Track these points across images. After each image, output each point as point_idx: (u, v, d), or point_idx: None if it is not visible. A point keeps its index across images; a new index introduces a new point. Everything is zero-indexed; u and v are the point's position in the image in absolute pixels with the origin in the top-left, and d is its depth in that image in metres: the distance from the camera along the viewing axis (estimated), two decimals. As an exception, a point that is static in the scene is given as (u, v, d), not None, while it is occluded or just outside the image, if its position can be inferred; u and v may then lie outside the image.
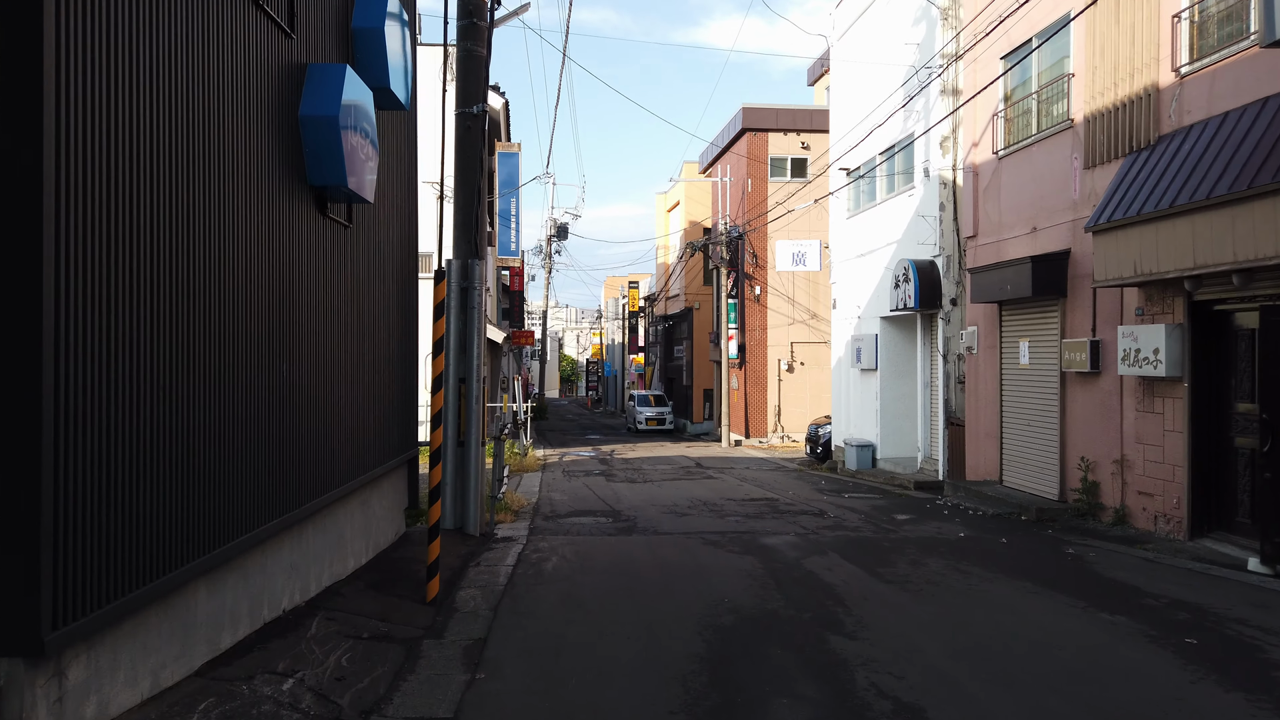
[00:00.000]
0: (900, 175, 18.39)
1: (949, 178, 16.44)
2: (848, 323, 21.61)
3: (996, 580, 7.97)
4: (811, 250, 28.48)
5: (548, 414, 55.17)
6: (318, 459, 6.43)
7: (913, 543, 10.02)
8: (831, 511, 12.78)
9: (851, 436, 20.66)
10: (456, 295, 9.78)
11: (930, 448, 17.50)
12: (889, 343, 19.36)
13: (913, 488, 16.18)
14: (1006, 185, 14.09)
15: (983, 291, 14.16)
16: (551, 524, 11.56)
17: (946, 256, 16.43)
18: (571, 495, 15.44)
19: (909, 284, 16.63)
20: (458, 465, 9.76)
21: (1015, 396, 13.84)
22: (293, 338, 5.92)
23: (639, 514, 12.62)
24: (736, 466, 22.43)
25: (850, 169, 20.98)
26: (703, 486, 17.01)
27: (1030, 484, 13.28)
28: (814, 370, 31.73)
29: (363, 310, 7.61)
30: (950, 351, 16.39)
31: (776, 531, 10.74)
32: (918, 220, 17.25)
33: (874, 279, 19.67)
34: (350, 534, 7.40)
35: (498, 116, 28.93)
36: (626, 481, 18.31)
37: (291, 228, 5.90)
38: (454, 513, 9.74)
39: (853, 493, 15.74)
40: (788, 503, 14.04)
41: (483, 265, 9.83)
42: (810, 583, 7.81)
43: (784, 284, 31.37)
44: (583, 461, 24.32)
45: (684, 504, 13.90)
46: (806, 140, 31.50)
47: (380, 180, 8.12)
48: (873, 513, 12.71)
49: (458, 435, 9.75)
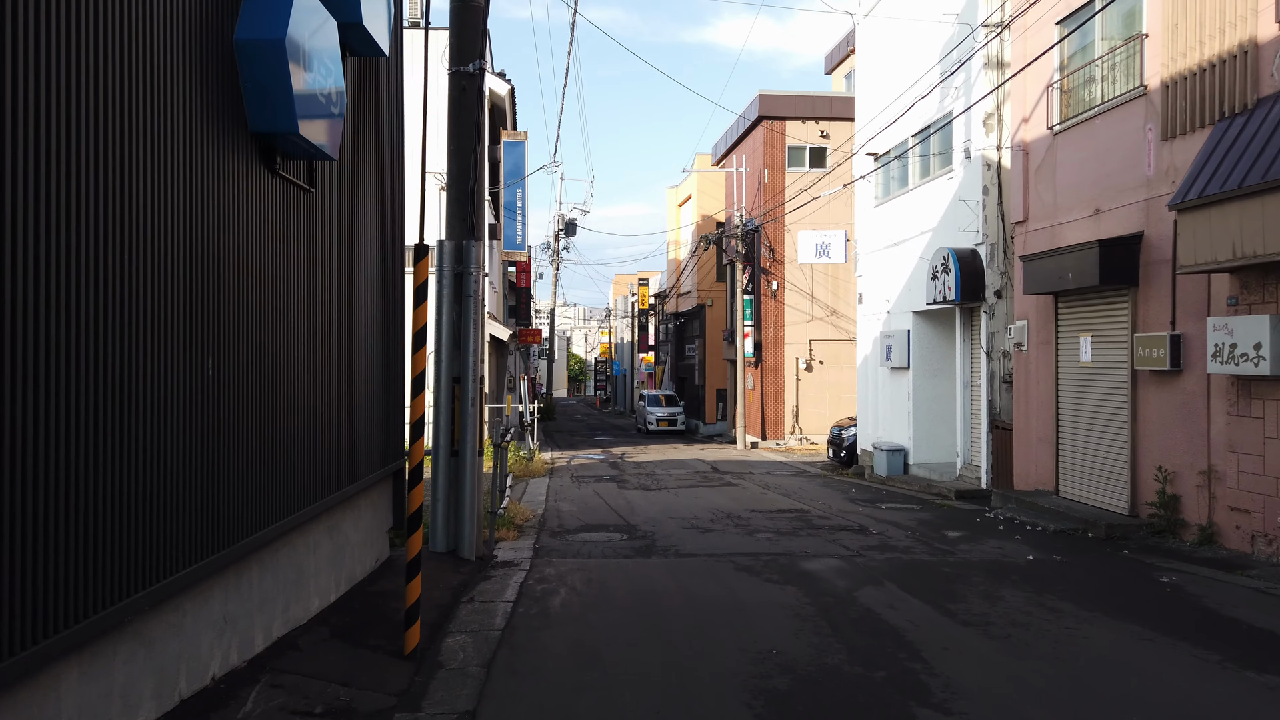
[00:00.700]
0: (936, 158, 17.01)
1: (993, 158, 15.06)
2: (875, 318, 20.22)
3: (1095, 621, 6.61)
4: (836, 241, 27.03)
5: (555, 414, 53.89)
6: (264, 480, 5.11)
7: (977, 568, 8.66)
8: (873, 527, 11.42)
9: (880, 440, 19.27)
10: (449, 281, 8.45)
11: (970, 453, 16.12)
12: (923, 339, 17.98)
13: (954, 498, 14.80)
14: (1063, 163, 12.70)
15: (1036, 281, 12.77)
16: (559, 542, 10.23)
17: (990, 244, 15.05)
18: (581, 505, 14.12)
19: (949, 275, 15.25)
20: (451, 478, 8.44)
21: (1074, 398, 12.45)
22: (224, 327, 4.60)
23: (657, 529, 11.28)
24: (755, 471, 21.07)
25: (878, 154, 19.59)
26: (723, 495, 15.66)
27: (1093, 495, 11.89)
28: (834, 369, 30.35)
29: (331, 296, 6.29)
30: (994, 348, 15.00)
31: (817, 553, 9.38)
32: (957, 206, 15.86)
33: (905, 271, 18.28)
34: (314, 567, 6.08)
35: (503, 104, 27.63)
36: (640, 489, 16.98)
37: (222, 185, 4.58)
38: (446, 534, 8.41)
39: (889, 503, 14.37)
40: (821, 515, 12.68)
41: (480, 247, 8.51)
42: (873, 625, 6.46)
43: (802, 279, 29.98)
44: (592, 465, 23.00)
45: (705, 517, 12.55)
46: (826, 129, 30.09)
47: (354, 141, 6.79)
48: (919, 529, 11.34)
49: (451, 443, 8.43)
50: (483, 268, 8.62)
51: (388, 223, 8.06)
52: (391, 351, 8.35)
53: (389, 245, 8.21)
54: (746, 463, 23.81)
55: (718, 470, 21.19)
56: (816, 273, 30.01)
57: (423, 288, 5.63)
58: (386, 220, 8.04)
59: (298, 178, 5.58)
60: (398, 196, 8.40)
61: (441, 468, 8.38)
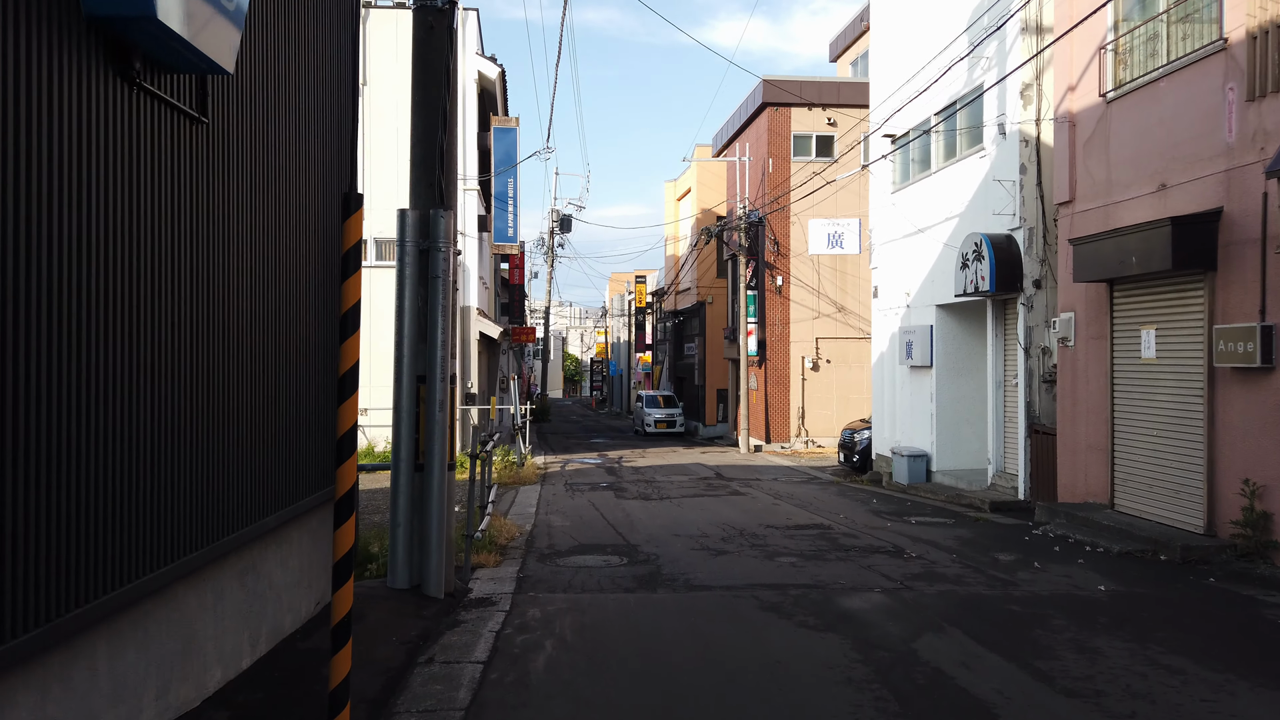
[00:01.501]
0: (964, 136, 15.53)
1: (1032, 134, 13.58)
2: (893, 313, 18.75)
3: (1232, 689, 5.13)
4: (850, 230, 25.50)
5: (550, 415, 52.35)
6: (118, 521, 3.62)
7: (1051, 604, 7.18)
8: (909, 548, 9.93)
9: (900, 445, 17.79)
10: (414, 259, 6.95)
11: (1003, 460, 14.64)
12: (948, 335, 16.51)
13: (989, 510, 13.32)
14: (1119, 134, 11.23)
15: (1087, 267, 11.30)
16: (548, 568, 8.73)
17: (1028, 229, 13.57)
18: (574, 519, 12.62)
19: (982, 263, 13.77)
20: (415, 499, 6.93)
21: (1133, 398, 10.99)
22: (39, 303, 3.10)
23: (661, 551, 9.79)
24: (763, 478, 19.58)
25: (896, 135, 18.12)
26: (731, 506, 14.17)
27: (1159, 511, 10.42)
28: (841, 368, 28.88)
29: (244, 269, 4.80)
30: (1033, 344, 13.53)
31: (854, 585, 7.89)
32: (989, 187, 14.39)
33: (927, 261, 16.81)
34: (213, 628, 4.58)
35: (493, 88, 26.15)
36: (640, 498, 15.49)
37: (39, 95, 3.08)
38: (408, 566, 6.91)
39: (917, 516, 12.89)
40: (846, 533, 11.19)
41: (450, 219, 7.01)
42: (951, 698, 4.97)
43: (809, 273, 28.51)
44: (587, 471, 21.50)
45: (715, 533, 11.07)
46: (833, 116, 28.61)
47: (282, 62, 5.28)
48: (963, 550, 9.86)
49: (415, 456, 6.93)
50: (454, 242, 7.12)
51: (334, 178, 6.56)
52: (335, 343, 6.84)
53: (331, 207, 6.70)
54: (752, 468, 22.33)
55: (722, 477, 19.70)
56: (824, 267, 28.54)
57: (354, 253, 4.14)
58: (333, 174, 6.54)
59: (179, 99, 4.07)
60: (344, 147, 6.86)
61: (403, 486, 6.88)
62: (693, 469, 21.72)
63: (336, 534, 4.06)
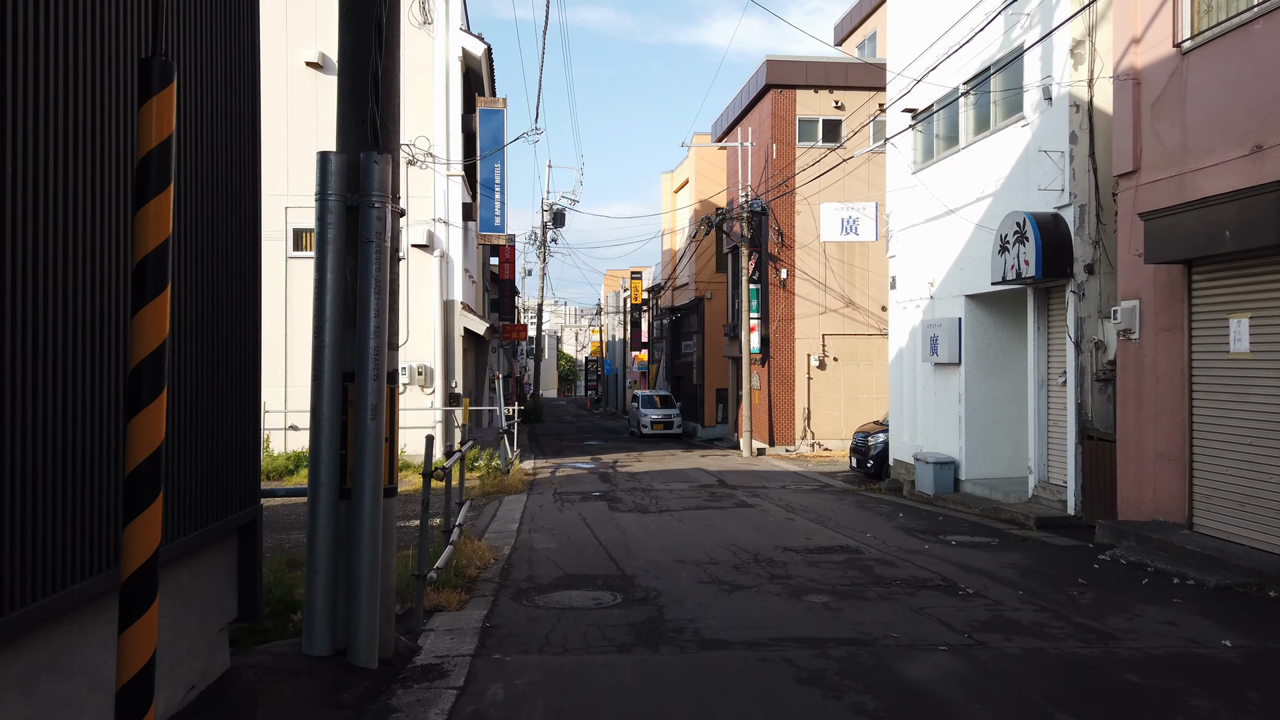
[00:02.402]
0: (1000, 104, 13.85)
1: (1083, 97, 11.91)
2: (913, 306, 17.08)
3: None
4: (865, 215, 23.73)
5: (543, 416, 50.62)
6: None
7: (1175, 672, 5.50)
8: (961, 580, 8.25)
9: (923, 450, 16.12)
10: (338, 218, 5.24)
11: (1047, 468, 12.97)
12: (979, 328, 14.83)
13: (1035, 527, 11.65)
14: (1199, 90, 9.57)
15: (1164, 245, 9.64)
16: (523, 613, 7.04)
17: (1079, 206, 11.90)
18: (561, 539, 10.93)
19: (1025, 245, 12.09)
20: (339, 536, 5.23)
21: (1219, 399, 9.32)
22: None
23: (663, 585, 8.10)
24: (770, 485, 17.91)
25: (917, 110, 16.46)
26: (740, 521, 12.50)
27: (1253, 533, 8.76)
28: (849, 366, 27.21)
29: (67, 235, 3.11)
30: (1085, 337, 11.86)
31: (910, 639, 6.21)
32: (1031, 161, 12.72)
33: (955, 246, 15.14)
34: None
35: (478, 67, 24.44)
36: (636, 511, 13.81)
37: None
38: (330, 626, 5.20)
39: (955, 535, 11.22)
40: (879, 557, 9.51)
41: (388, 165, 5.30)
42: None
43: (815, 266, 26.83)
44: (579, 477, 19.80)
45: (725, 558, 9.39)
46: (841, 99, 26.94)
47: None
48: (1027, 582, 8.18)
49: (340, 479, 5.23)
50: (395, 197, 5.42)
51: (224, 124, 4.86)
52: (248, 323, 5.16)
53: (230, 161, 5.01)
54: (756, 473, 20.64)
55: (725, 484, 18.01)
56: (831, 259, 26.85)
57: (156, 160, 2.46)
58: (224, 120, 4.83)
59: None
60: (240, 75, 5.11)
61: (323, 519, 5.17)
62: (693, 475, 20.03)
63: (121, 640, 2.36)
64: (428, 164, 22.14)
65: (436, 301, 21.69)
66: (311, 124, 21.67)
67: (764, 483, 18.47)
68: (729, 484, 18.05)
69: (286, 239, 21.56)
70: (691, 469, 21.61)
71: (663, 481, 18.53)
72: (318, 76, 21.75)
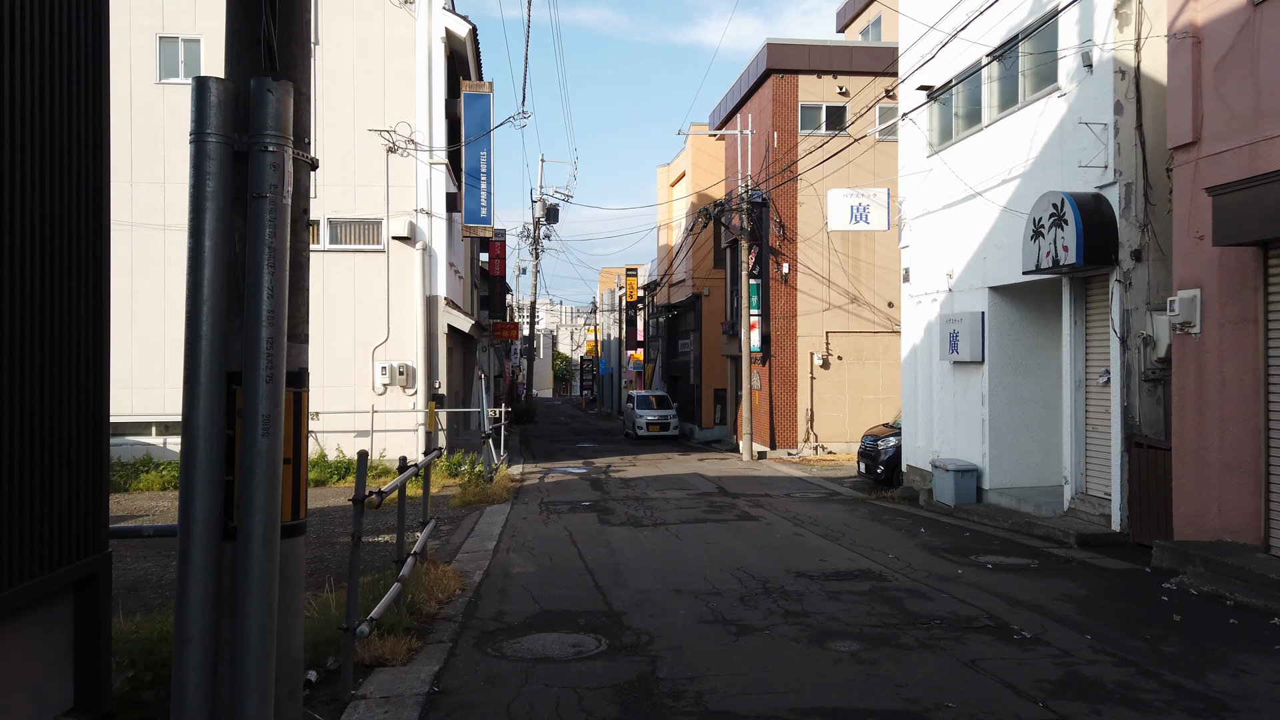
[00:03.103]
0: (1031, 75, 12.55)
1: (1130, 61, 10.61)
2: (928, 300, 15.79)
3: None
4: (876, 202, 22.35)
5: (536, 417, 49.28)
6: None
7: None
8: (1011, 617, 6.95)
9: (941, 456, 14.83)
10: (219, 165, 3.90)
11: (1084, 479, 11.66)
12: (1004, 323, 13.54)
13: (1077, 545, 10.36)
14: (1273, 47, 8.29)
15: (1238, 224, 8.34)
16: (484, 670, 5.72)
17: (1125, 185, 10.60)
18: (542, 561, 9.62)
19: (1065, 229, 10.78)
20: (216, 590, 3.90)
21: (1302, 404, 8.04)
22: None
23: (658, 625, 6.79)
24: (774, 493, 16.62)
25: (933, 87, 15.16)
26: (744, 538, 11.20)
27: (1350, 560, 7.48)
28: (854, 365, 25.92)
29: None
30: (1132, 332, 10.56)
31: (970, 709, 4.89)
32: (1067, 136, 11.43)
33: (977, 233, 13.85)
34: None
35: (463, 49, 23.11)
36: (628, 524, 12.52)
37: None
38: (206, 712, 3.87)
39: (989, 554, 9.93)
40: (909, 586, 8.20)
41: (285, 95, 3.97)
42: None
43: (818, 260, 25.53)
44: (569, 484, 18.49)
45: (730, 587, 8.08)
46: (845, 84, 25.63)
47: None
48: (1090, 621, 6.88)
49: (223, 514, 3.90)
50: (302, 141, 4.10)
51: (75, 40, 3.55)
52: (89, 323, 3.85)
53: (84, 87, 3.70)
54: (758, 479, 19.35)
55: (726, 492, 16.72)
56: (835, 253, 25.56)
57: None
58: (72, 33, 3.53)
59: None
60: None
61: (198, 569, 3.84)
62: (690, 481, 18.73)
63: None
64: (409, 151, 20.83)
65: (419, 297, 20.38)
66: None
67: (767, 490, 17.17)
68: (729, 492, 16.76)
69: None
70: (688, 474, 20.31)
71: (658, 489, 17.23)
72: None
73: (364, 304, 20.32)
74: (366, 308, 20.32)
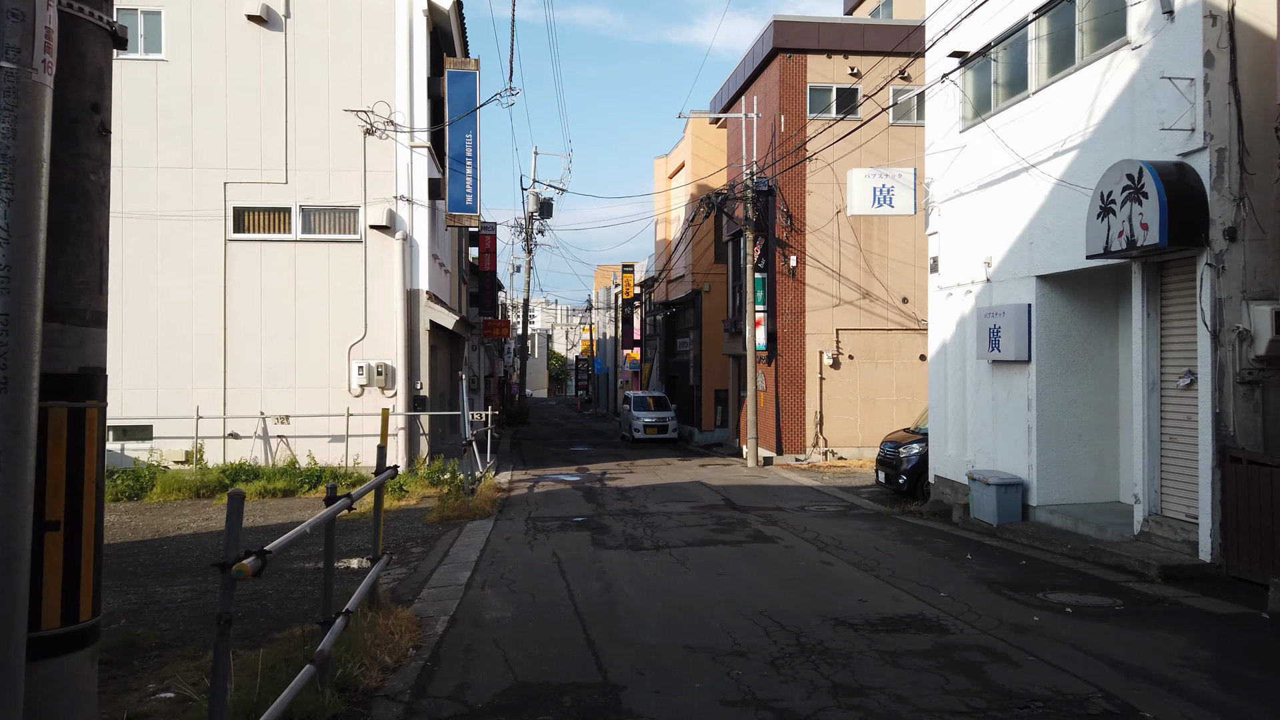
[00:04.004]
0: (1090, 31, 10.89)
1: (1222, 4, 8.95)
2: (961, 291, 14.12)
3: None
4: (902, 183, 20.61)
5: (530, 418, 47.64)
6: None
7: None
8: (1128, 694, 5.29)
9: (978, 467, 13.17)
10: None
11: (1159, 498, 10.00)
12: (1055, 317, 11.87)
13: (1159, 578, 8.69)
14: None
15: (1388, 190, 6.68)
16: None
17: (1217, 150, 8.93)
18: (523, 602, 7.93)
19: (1145, 203, 9.12)
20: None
21: None
22: None
23: (669, 714, 5.11)
24: (786, 506, 14.95)
25: (967, 53, 13.51)
26: (762, 565, 9.53)
27: None
28: (867, 365, 24.25)
29: None
30: (1225, 325, 8.90)
31: None
32: (1139, 97, 9.77)
33: (1022, 215, 12.19)
34: None
35: (447, 23, 21.38)
36: (626, 546, 10.85)
37: None
38: None
39: (1054, 590, 8.26)
40: (980, 641, 6.53)
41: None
42: None
43: (828, 252, 23.86)
44: (561, 494, 16.80)
45: (755, 643, 6.41)
46: (857, 65, 23.98)
47: None
48: (1240, 704, 5.22)
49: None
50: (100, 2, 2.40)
51: None
52: None
53: None
54: (767, 489, 17.67)
55: (734, 505, 15.04)
56: (845, 244, 23.89)
57: None
58: None
59: None
60: None
61: None
62: (694, 492, 17.05)
63: None
64: (388, 133, 19.14)
65: (399, 291, 18.70)
66: (253, 87, 18.64)
67: (778, 502, 15.50)
68: (738, 504, 15.08)
69: (225, 219, 18.55)
70: (691, 483, 18.63)
71: (659, 501, 15.56)
72: (261, 32, 18.72)
73: (339, 298, 18.65)
74: (342, 302, 18.65)
